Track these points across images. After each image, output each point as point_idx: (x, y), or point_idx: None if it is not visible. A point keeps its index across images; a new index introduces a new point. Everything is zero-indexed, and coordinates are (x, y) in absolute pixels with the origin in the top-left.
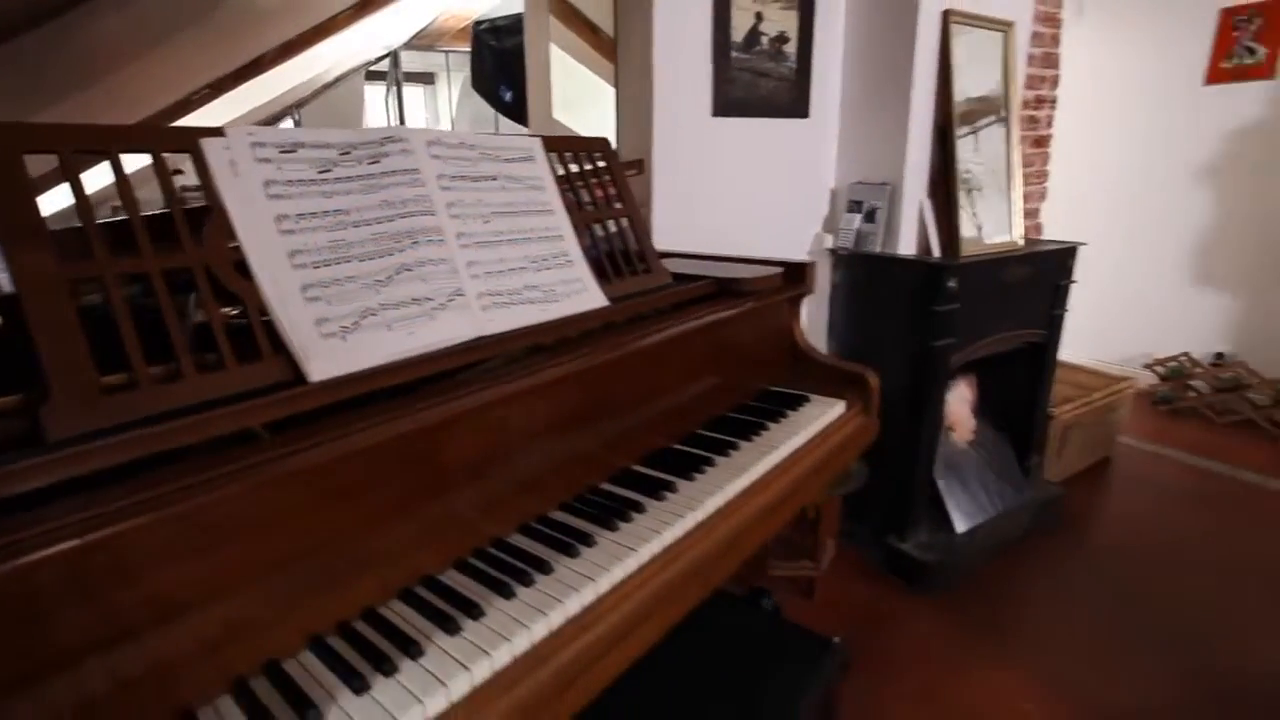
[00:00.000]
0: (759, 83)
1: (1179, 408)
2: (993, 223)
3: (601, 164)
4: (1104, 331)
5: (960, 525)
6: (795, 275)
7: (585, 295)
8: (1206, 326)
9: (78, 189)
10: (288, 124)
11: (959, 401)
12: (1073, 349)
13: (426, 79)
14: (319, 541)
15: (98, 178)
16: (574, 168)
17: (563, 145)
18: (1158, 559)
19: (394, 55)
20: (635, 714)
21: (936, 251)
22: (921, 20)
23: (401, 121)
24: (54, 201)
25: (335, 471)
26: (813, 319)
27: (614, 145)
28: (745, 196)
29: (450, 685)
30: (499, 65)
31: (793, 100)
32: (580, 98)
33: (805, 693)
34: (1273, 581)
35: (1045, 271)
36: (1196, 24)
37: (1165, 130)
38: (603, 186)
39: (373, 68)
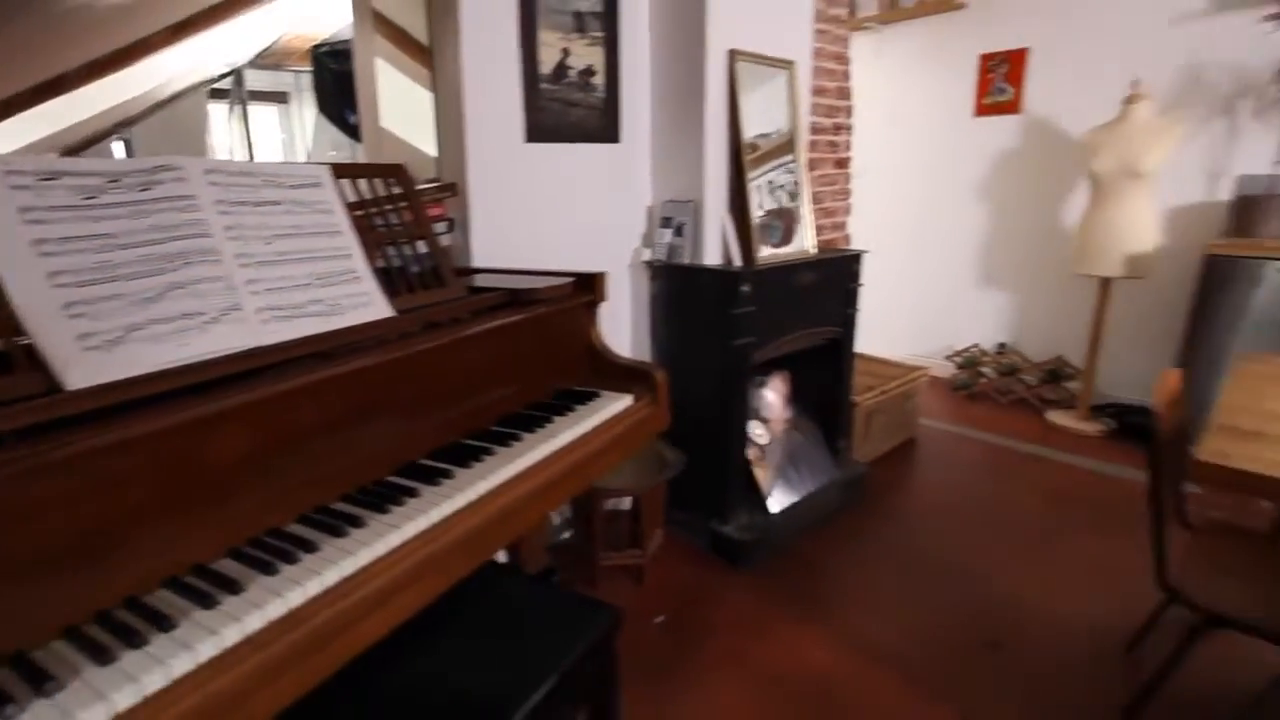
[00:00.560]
0: (569, 111)
1: (973, 392)
2: (787, 233)
3: (397, 189)
4: (910, 328)
5: (775, 506)
6: (586, 285)
7: (371, 308)
8: (992, 320)
9: None
10: (117, 145)
11: (773, 394)
12: (882, 344)
13: (279, 98)
14: (80, 535)
15: None
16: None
17: (356, 171)
18: (941, 522)
19: (238, 73)
20: (418, 673)
21: (737, 261)
22: (710, 58)
23: (249, 142)
24: None
25: (91, 469)
26: (637, 325)
27: (437, 168)
28: (564, 215)
29: (198, 649)
30: (341, 88)
31: (603, 127)
32: (427, 117)
33: (573, 650)
34: (1026, 530)
35: (836, 276)
36: (964, 66)
37: (947, 154)
38: (412, 209)
39: (217, 85)
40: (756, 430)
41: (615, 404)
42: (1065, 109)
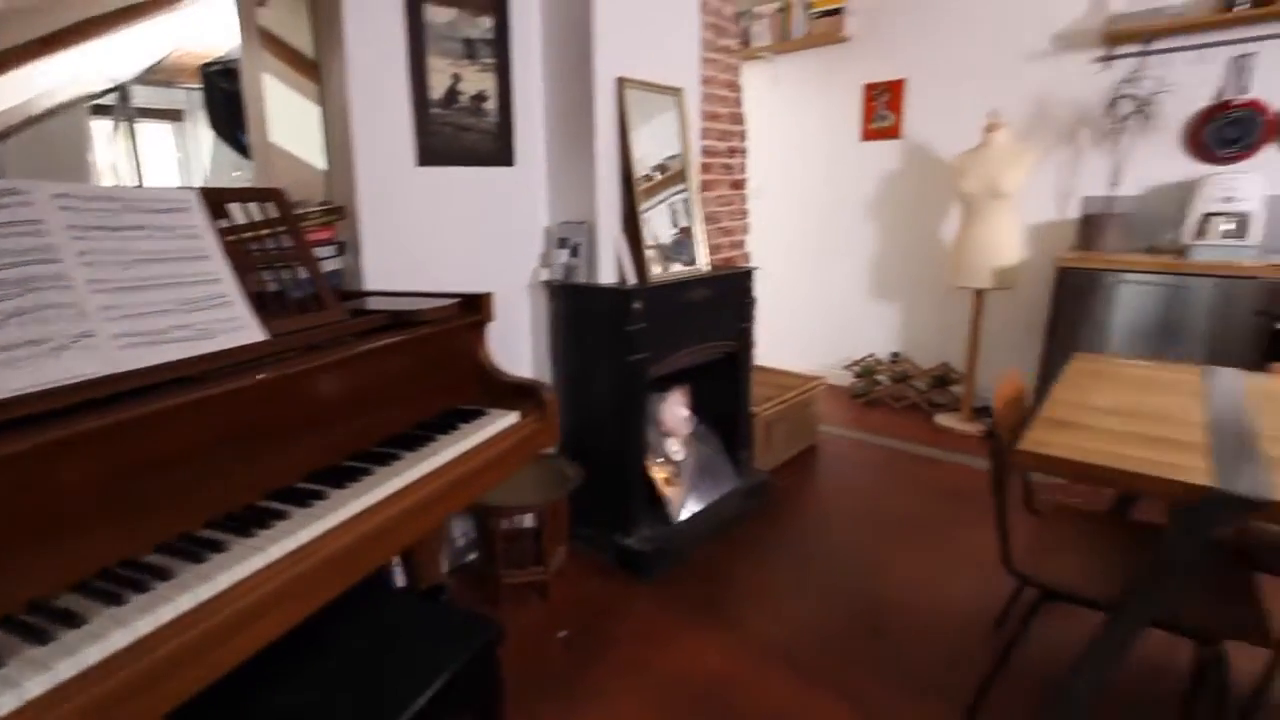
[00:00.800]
0: (462, 135)
1: (870, 399)
2: (681, 251)
3: (275, 214)
4: (812, 341)
5: (678, 516)
6: (473, 306)
7: (243, 332)
8: (886, 331)
9: None
10: None
11: (675, 407)
12: (785, 357)
13: (174, 116)
14: None
15: None
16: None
17: (230, 196)
18: (837, 523)
19: (123, 89)
20: (292, 695)
21: (631, 279)
22: (598, 85)
23: (137, 161)
24: None
25: None
26: (538, 344)
27: (326, 188)
28: (460, 237)
29: (24, 686)
30: (232, 108)
31: (498, 150)
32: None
33: (452, 663)
34: (913, 525)
35: (730, 292)
36: (850, 94)
37: (839, 176)
38: (291, 232)
39: (100, 101)
40: (672, 446)
41: (500, 421)
42: (939, 135)
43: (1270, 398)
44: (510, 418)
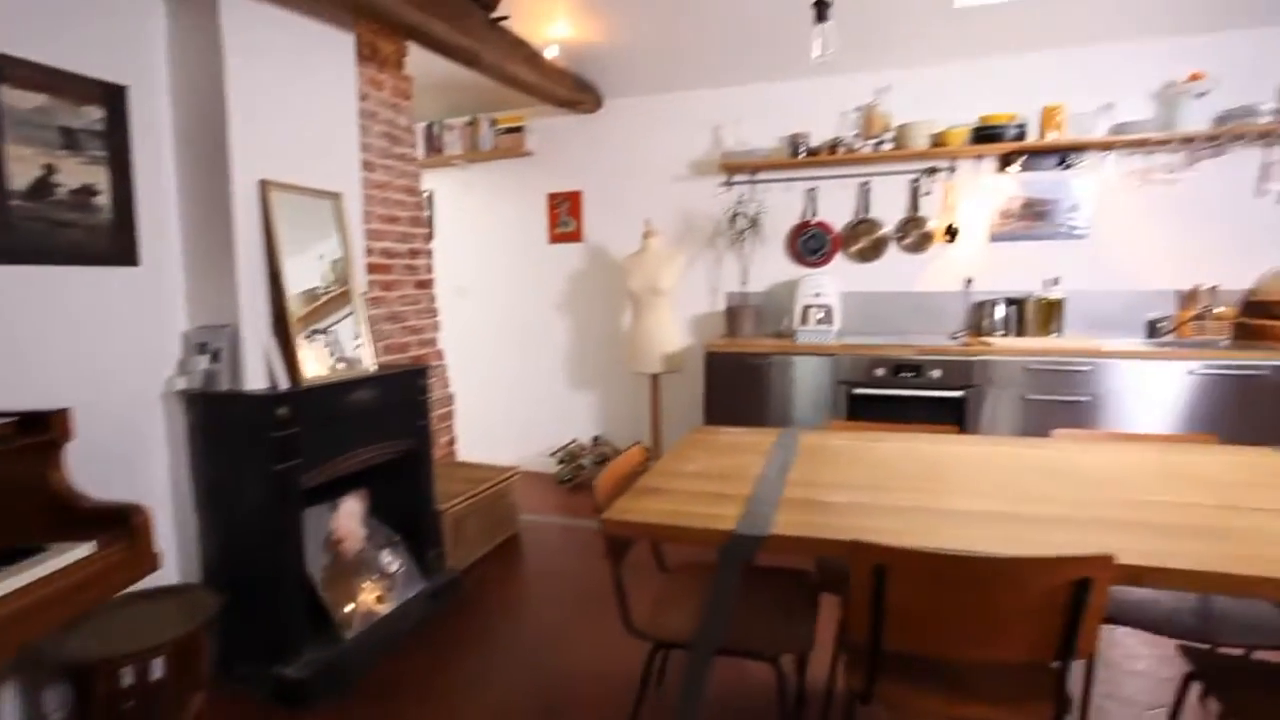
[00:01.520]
0: (60, 231)
1: (576, 483)
2: (343, 352)
3: None
4: (518, 432)
5: (350, 632)
6: (37, 424)
7: None
8: (586, 416)
9: None
10: None
11: (348, 515)
12: (494, 450)
13: None
14: None
15: None
16: None
17: None
18: (528, 608)
19: None
20: None
21: (283, 383)
22: (237, 188)
23: None
24: None
25: None
26: (175, 460)
27: None
28: (64, 345)
29: None
30: None
31: (115, 249)
32: None
33: None
34: (597, 599)
35: (402, 390)
36: (537, 202)
37: (533, 275)
38: None
39: None
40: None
41: (59, 558)
42: (613, 239)
43: (814, 449)
44: (78, 551)
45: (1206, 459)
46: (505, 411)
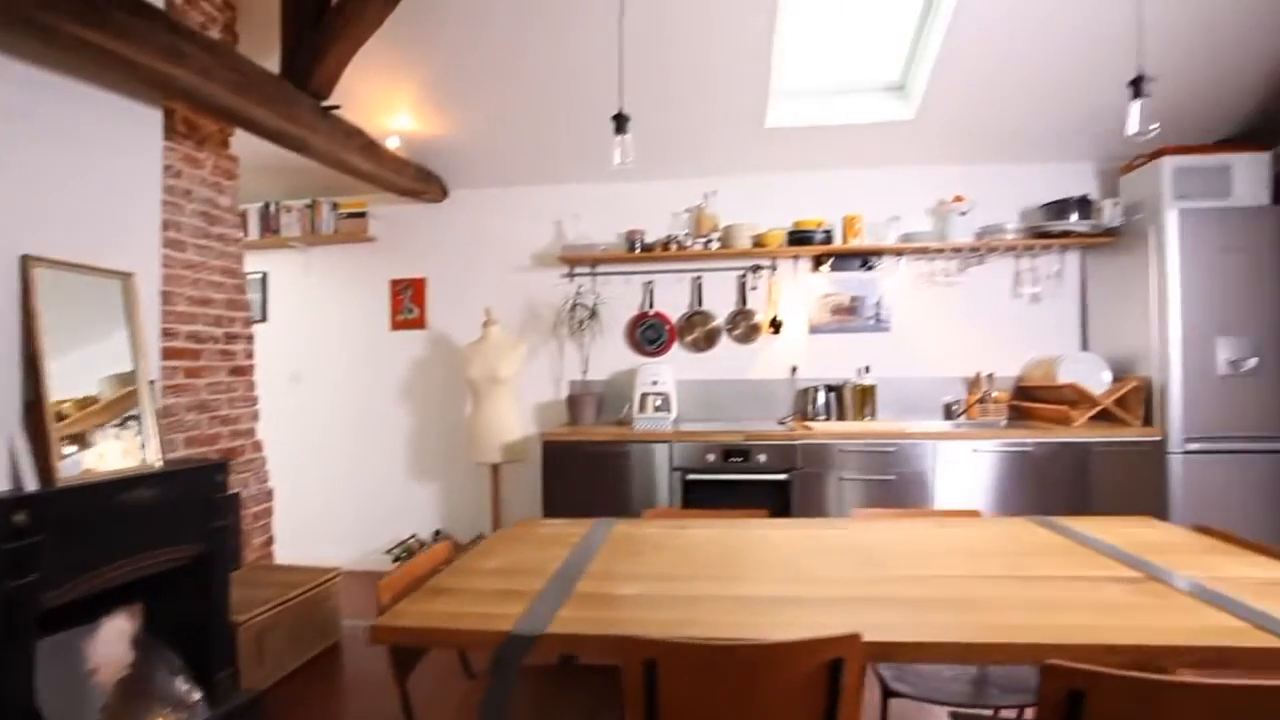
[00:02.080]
0: None
1: None
2: (120, 446)
3: None
4: (356, 529)
5: None
6: None
7: None
8: (427, 510)
9: None
10: None
11: (111, 638)
12: (321, 550)
13: None
14: None
15: None
16: None
17: None
18: None
19: None
20: None
21: (30, 484)
22: None
23: None
24: None
25: None
26: None
27: None
28: None
29: None
30: None
31: None
32: None
33: None
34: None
35: (190, 488)
36: (380, 288)
37: (374, 362)
38: None
39: None
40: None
41: None
42: (457, 327)
43: (623, 539)
44: None
45: (971, 532)
46: (340, 506)
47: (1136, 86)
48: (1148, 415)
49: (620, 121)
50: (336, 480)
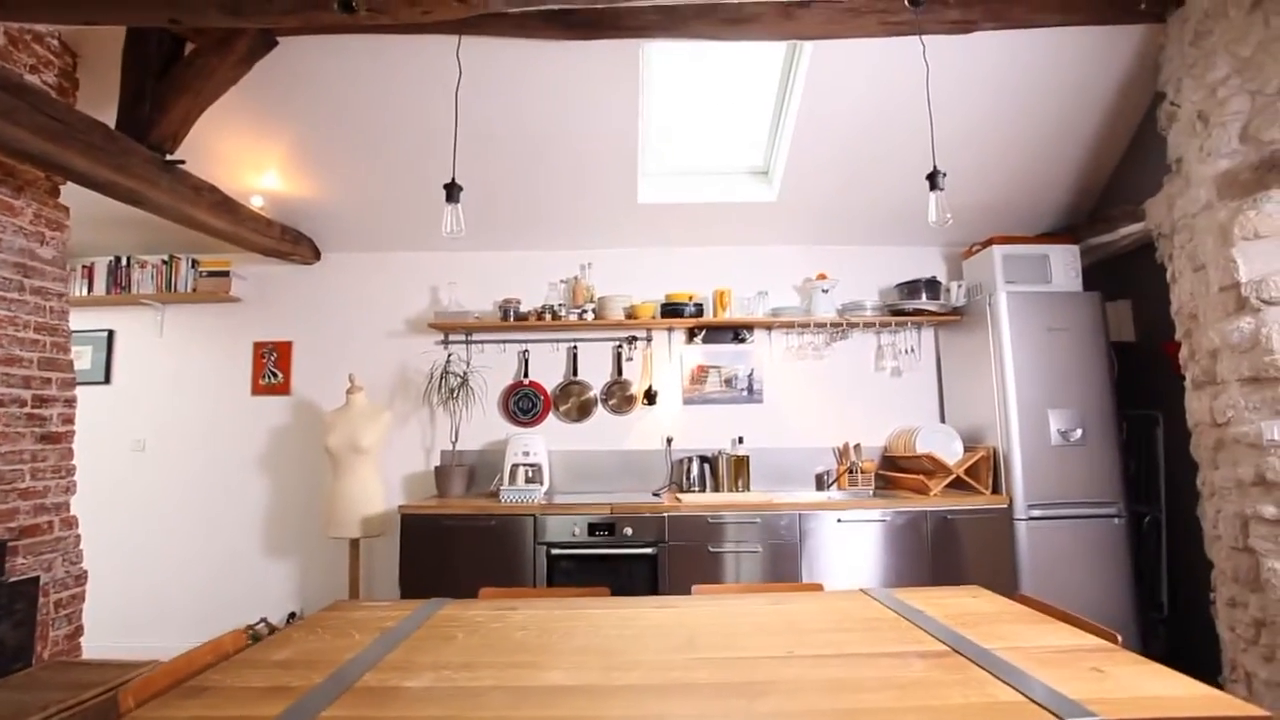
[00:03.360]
0: None
1: None
2: None
3: None
4: (201, 611)
5: None
6: None
7: None
8: (281, 589)
9: None
10: None
11: None
12: (147, 636)
13: None
14: None
15: None
16: None
17: None
18: None
19: None
20: None
21: None
22: None
23: None
24: None
25: None
26: None
27: None
28: None
29: None
30: None
31: None
32: None
33: None
34: None
35: None
36: (242, 350)
37: (231, 429)
38: None
39: None
40: None
41: None
42: (323, 394)
43: (443, 622)
44: None
45: (803, 608)
46: (186, 588)
47: (932, 180)
48: (995, 483)
49: (451, 190)
50: (183, 558)
